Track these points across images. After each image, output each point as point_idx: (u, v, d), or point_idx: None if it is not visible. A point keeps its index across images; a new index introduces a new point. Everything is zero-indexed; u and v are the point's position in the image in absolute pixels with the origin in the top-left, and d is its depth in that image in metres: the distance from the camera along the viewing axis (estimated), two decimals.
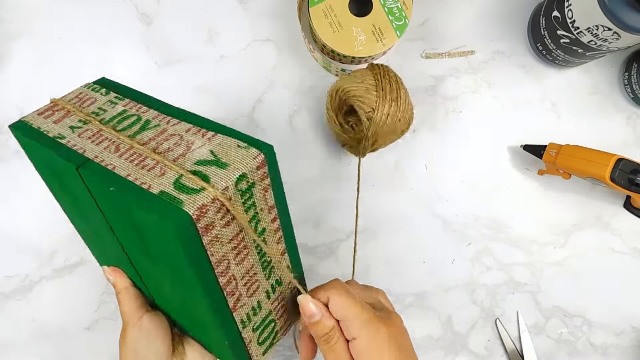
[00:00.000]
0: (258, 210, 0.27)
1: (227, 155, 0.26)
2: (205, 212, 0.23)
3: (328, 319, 0.31)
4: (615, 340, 0.52)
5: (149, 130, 0.29)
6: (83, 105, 0.32)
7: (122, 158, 0.27)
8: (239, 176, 0.25)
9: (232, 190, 0.24)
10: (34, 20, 0.50)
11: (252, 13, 0.51)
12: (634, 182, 0.42)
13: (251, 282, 0.29)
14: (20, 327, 0.50)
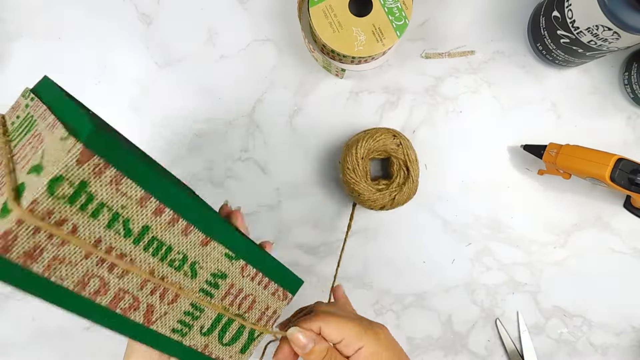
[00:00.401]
0: (118, 209, 0.22)
1: (49, 155, 0.20)
2: (12, 239, 0.19)
3: (322, 343, 0.31)
4: (615, 340, 0.52)
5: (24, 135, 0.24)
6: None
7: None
8: (51, 180, 0.19)
9: (47, 202, 0.20)
10: (34, 20, 0.50)
11: (252, 13, 0.51)
12: (634, 182, 0.42)
13: (161, 288, 0.25)
14: (20, 327, 0.50)
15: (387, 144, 0.46)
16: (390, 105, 0.51)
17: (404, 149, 0.47)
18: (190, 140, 0.51)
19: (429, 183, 0.51)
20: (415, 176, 0.47)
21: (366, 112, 0.51)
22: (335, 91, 0.51)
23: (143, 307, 0.25)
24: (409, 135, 0.51)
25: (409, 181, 0.47)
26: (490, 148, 0.52)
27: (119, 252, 0.23)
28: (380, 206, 0.47)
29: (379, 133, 0.47)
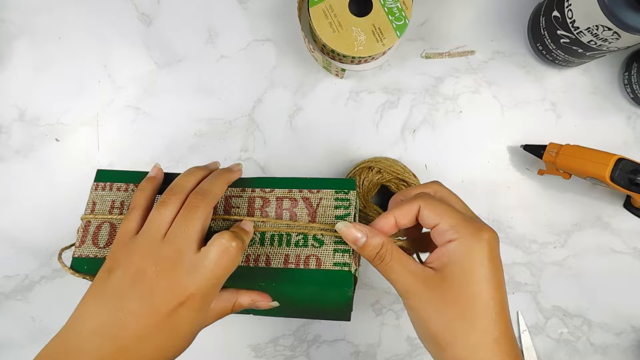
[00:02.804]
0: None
1: None
2: None
3: (375, 237, 0.28)
4: (615, 340, 0.52)
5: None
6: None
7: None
8: None
9: None
10: (34, 20, 0.50)
11: (252, 13, 0.51)
12: (634, 182, 0.42)
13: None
14: (20, 327, 0.50)
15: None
16: (390, 105, 0.51)
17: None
18: (190, 140, 0.51)
19: None
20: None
21: (366, 112, 0.51)
22: (335, 91, 0.51)
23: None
24: (408, 135, 0.51)
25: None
26: (490, 148, 0.52)
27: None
28: None
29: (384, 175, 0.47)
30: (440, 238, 0.28)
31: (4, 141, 0.50)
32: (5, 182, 0.50)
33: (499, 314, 0.27)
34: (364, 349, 0.51)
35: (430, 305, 0.27)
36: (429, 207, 0.28)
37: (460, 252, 0.27)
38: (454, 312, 0.27)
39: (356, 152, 0.51)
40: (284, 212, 0.33)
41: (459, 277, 0.27)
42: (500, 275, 0.28)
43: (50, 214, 0.50)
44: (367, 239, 0.28)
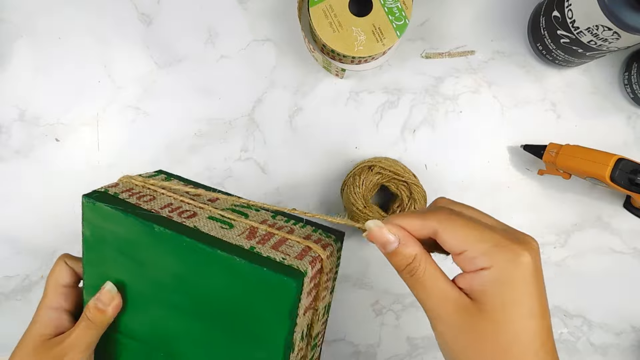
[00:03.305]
0: None
1: None
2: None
3: (408, 246, 0.24)
4: (615, 340, 0.52)
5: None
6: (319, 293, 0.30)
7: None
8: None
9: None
10: (34, 20, 0.50)
11: (252, 13, 0.51)
12: (634, 182, 0.42)
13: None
14: (20, 327, 0.50)
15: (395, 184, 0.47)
16: (390, 105, 0.51)
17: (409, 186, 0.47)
18: (190, 140, 0.51)
19: (429, 183, 0.51)
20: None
21: (366, 112, 0.51)
22: (335, 91, 0.51)
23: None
24: (408, 135, 0.51)
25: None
26: (490, 148, 0.52)
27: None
28: None
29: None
30: (469, 265, 0.23)
31: (4, 141, 0.50)
32: (5, 182, 0.50)
33: (545, 343, 0.23)
34: (364, 349, 0.51)
35: (465, 337, 0.23)
36: (449, 232, 0.23)
37: (500, 284, 0.22)
38: (494, 350, 0.23)
39: (356, 152, 0.51)
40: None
41: (500, 312, 0.22)
42: (544, 297, 0.23)
43: (50, 214, 0.50)
44: (400, 246, 0.24)
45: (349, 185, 0.47)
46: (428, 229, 0.24)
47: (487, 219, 0.25)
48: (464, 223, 0.23)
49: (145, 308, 0.31)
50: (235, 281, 0.26)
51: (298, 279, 0.24)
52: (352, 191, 0.46)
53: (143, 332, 0.31)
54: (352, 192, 0.46)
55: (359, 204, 0.46)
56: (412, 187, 0.46)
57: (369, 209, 0.46)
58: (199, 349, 0.30)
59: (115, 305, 0.30)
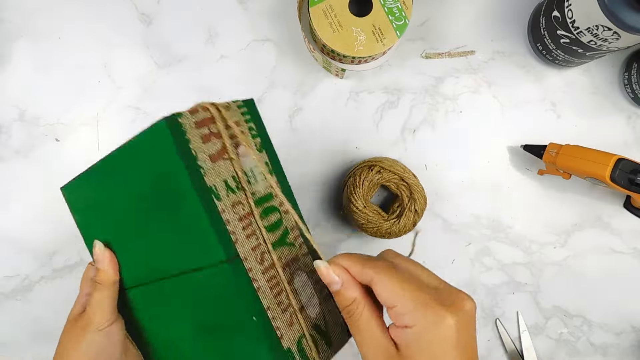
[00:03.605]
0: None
1: (334, 333, 0.29)
2: None
3: (349, 289, 0.26)
4: (615, 340, 0.52)
5: (285, 246, 0.28)
6: (237, 149, 0.27)
7: (264, 277, 0.26)
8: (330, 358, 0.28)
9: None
10: (34, 20, 0.50)
11: (252, 13, 0.51)
12: (634, 182, 0.42)
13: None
14: (20, 327, 0.50)
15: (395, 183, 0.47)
16: (390, 105, 0.51)
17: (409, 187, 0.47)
18: None
19: (429, 183, 0.51)
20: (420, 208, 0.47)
21: (366, 112, 0.51)
22: (335, 91, 0.51)
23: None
24: (408, 135, 0.51)
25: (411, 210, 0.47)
26: (490, 148, 0.52)
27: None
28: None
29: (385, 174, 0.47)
30: (397, 320, 0.24)
31: (4, 141, 0.50)
32: (5, 182, 0.50)
33: None
34: None
35: None
36: (383, 284, 0.24)
37: (421, 342, 0.23)
38: None
39: (356, 152, 0.51)
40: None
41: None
42: (469, 356, 0.24)
43: (50, 214, 0.50)
44: (342, 288, 0.26)
45: (349, 185, 0.47)
46: (366, 277, 0.25)
47: (425, 276, 0.26)
48: (399, 278, 0.24)
49: (130, 250, 0.32)
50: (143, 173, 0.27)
51: (168, 120, 0.24)
52: (352, 191, 0.46)
53: (139, 274, 0.32)
54: (352, 192, 0.46)
55: (359, 204, 0.46)
56: (412, 187, 0.46)
57: (369, 208, 0.46)
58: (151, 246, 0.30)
59: (108, 258, 0.33)
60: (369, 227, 0.46)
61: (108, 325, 0.32)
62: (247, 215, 0.26)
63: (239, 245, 0.25)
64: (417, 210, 0.46)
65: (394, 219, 0.46)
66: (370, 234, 0.47)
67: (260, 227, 0.26)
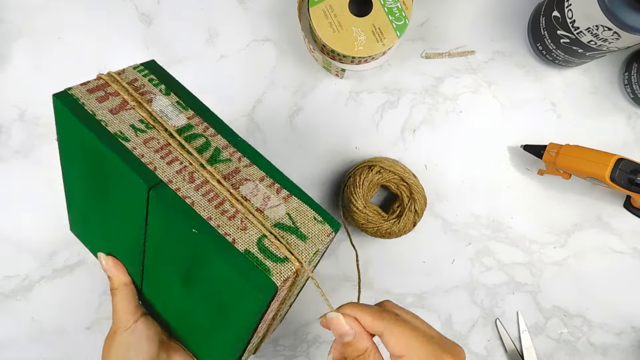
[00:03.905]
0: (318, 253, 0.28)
1: (305, 226, 0.27)
2: (286, 283, 0.25)
3: (362, 340, 0.27)
4: (615, 340, 0.52)
5: (221, 163, 0.28)
6: (141, 97, 0.29)
7: (198, 193, 0.26)
8: (315, 252, 0.26)
9: (307, 265, 0.26)
10: (34, 20, 0.50)
11: (252, 13, 0.51)
12: (634, 182, 0.42)
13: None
14: (20, 327, 0.50)
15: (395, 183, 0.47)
16: (390, 105, 0.51)
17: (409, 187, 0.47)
18: None
19: (429, 183, 0.51)
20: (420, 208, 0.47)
21: (366, 112, 0.51)
22: (335, 91, 0.51)
23: (261, 333, 0.32)
24: (408, 135, 0.51)
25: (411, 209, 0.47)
26: (490, 148, 0.52)
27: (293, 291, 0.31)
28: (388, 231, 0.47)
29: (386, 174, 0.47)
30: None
31: (4, 141, 0.50)
32: (5, 182, 0.50)
33: None
34: None
35: None
36: (394, 336, 0.27)
37: None
38: None
39: (356, 152, 0.51)
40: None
41: None
42: None
43: (50, 214, 0.50)
44: (354, 340, 0.27)
45: (349, 185, 0.47)
46: (377, 328, 0.27)
47: (426, 327, 0.29)
48: (408, 330, 0.27)
49: (109, 230, 0.34)
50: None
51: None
52: (352, 191, 0.46)
53: (126, 254, 0.35)
54: (352, 192, 0.46)
55: (359, 204, 0.46)
56: (412, 187, 0.46)
57: (369, 209, 0.46)
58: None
59: (112, 264, 0.35)
60: (369, 227, 0.46)
61: (133, 322, 0.34)
62: (164, 146, 0.27)
63: (159, 172, 0.26)
64: (417, 210, 0.46)
65: (394, 219, 0.46)
66: (370, 234, 0.47)
67: (182, 153, 0.28)
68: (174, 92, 0.30)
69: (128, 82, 0.30)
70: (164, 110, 0.29)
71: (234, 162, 0.28)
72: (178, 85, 0.31)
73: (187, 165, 0.27)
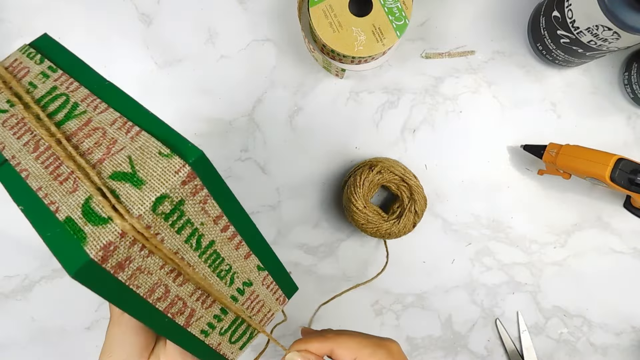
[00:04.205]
0: (197, 225, 0.24)
1: (145, 167, 0.21)
2: (113, 250, 0.20)
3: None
4: (615, 340, 0.52)
5: (74, 118, 0.25)
6: (16, 76, 0.27)
7: (38, 161, 0.23)
8: (158, 198, 0.20)
9: (148, 217, 0.21)
10: (34, 20, 0.50)
11: (252, 13, 0.51)
12: (634, 182, 0.42)
13: (205, 295, 0.27)
14: (20, 327, 0.50)
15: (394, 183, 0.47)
16: (390, 105, 0.51)
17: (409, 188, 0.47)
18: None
19: (429, 183, 0.51)
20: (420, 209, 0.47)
21: (366, 112, 0.51)
22: (335, 91, 0.51)
23: (187, 311, 0.26)
24: (408, 135, 0.51)
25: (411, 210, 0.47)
26: (490, 148, 0.52)
27: (189, 261, 0.24)
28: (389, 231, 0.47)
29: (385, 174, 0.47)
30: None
31: None
32: None
33: None
34: None
35: None
36: (342, 345, 0.31)
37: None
38: None
39: (356, 152, 0.51)
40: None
41: None
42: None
43: None
44: None
45: (349, 185, 0.47)
46: (325, 349, 0.31)
47: (361, 333, 0.33)
48: (351, 338, 0.31)
49: None
50: None
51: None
52: (352, 191, 0.46)
53: None
54: (352, 192, 0.46)
55: (359, 204, 0.46)
56: (413, 188, 0.46)
57: (369, 209, 0.46)
58: None
59: None
60: (369, 227, 0.46)
61: (120, 314, 0.33)
62: (20, 121, 0.25)
63: (6, 150, 0.24)
64: (417, 211, 0.46)
65: (394, 219, 0.46)
66: (370, 234, 0.47)
67: (35, 123, 0.24)
68: (48, 58, 0.28)
69: (6, 66, 0.28)
70: (33, 82, 0.27)
71: (89, 112, 0.25)
72: (58, 49, 0.29)
73: (36, 133, 0.24)
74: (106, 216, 0.20)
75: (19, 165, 0.23)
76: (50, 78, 0.27)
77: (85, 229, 0.20)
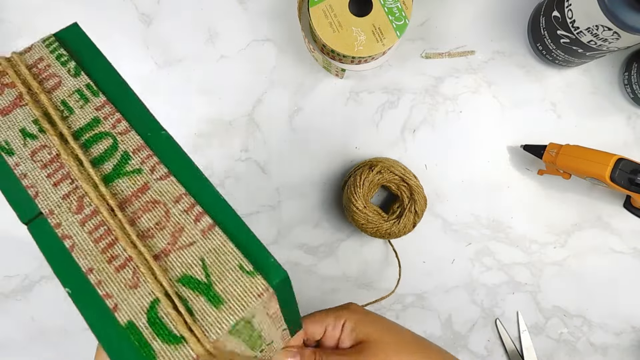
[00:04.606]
0: (263, 338, 0.22)
1: (223, 281, 0.18)
2: None
3: (304, 352, 0.33)
4: (615, 340, 0.52)
5: (125, 177, 0.20)
6: (43, 84, 0.22)
7: (84, 229, 0.19)
8: (235, 323, 0.18)
9: (225, 341, 0.18)
10: (34, 20, 0.50)
11: (252, 13, 0.51)
12: (634, 182, 0.42)
13: None
14: (20, 327, 0.50)
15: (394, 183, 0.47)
16: (390, 105, 0.51)
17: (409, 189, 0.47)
18: (191, 140, 0.51)
19: (429, 183, 0.51)
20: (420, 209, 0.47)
21: (366, 112, 0.51)
22: (335, 91, 0.51)
23: None
24: (408, 135, 0.51)
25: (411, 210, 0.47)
26: (490, 148, 0.52)
27: None
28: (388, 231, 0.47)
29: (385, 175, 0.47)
30: (335, 332, 0.34)
31: None
32: None
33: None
34: None
35: None
36: (311, 324, 0.34)
37: (354, 321, 0.35)
38: None
39: (356, 152, 0.51)
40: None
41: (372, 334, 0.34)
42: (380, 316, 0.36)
43: None
44: (300, 357, 0.33)
45: (349, 185, 0.47)
46: (299, 336, 0.34)
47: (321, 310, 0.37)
48: (312, 316, 0.35)
49: None
50: None
51: None
52: (352, 191, 0.46)
53: None
54: (352, 192, 0.46)
55: (359, 204, 0.46)
56: (413, 188, 0.46)
57: (369, 209, 0.46)
58: None
59: None
60: (369, 227, 0.46)
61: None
62: (55, 158, 0.20)
63: (40, 198, 0.19)
64: (417, 211, 0.46)
65: (394, 219, 0.46)
66: (370, 234, 0.47)
67: (75, 167, 0.20)
68: (86, 71, 0.23)
69: (29, 65, 0.22)
70: (67, 102, 0.22)
71: (145, 173, 0.20)
72: (95, 57, 0.24)
73: (79, 185, 0.20)
74: (179, 334, 0.17)
75: (60, 228, 0.19)
76: (90, 104, 0.22)
77: (154, 345, 0.17)
